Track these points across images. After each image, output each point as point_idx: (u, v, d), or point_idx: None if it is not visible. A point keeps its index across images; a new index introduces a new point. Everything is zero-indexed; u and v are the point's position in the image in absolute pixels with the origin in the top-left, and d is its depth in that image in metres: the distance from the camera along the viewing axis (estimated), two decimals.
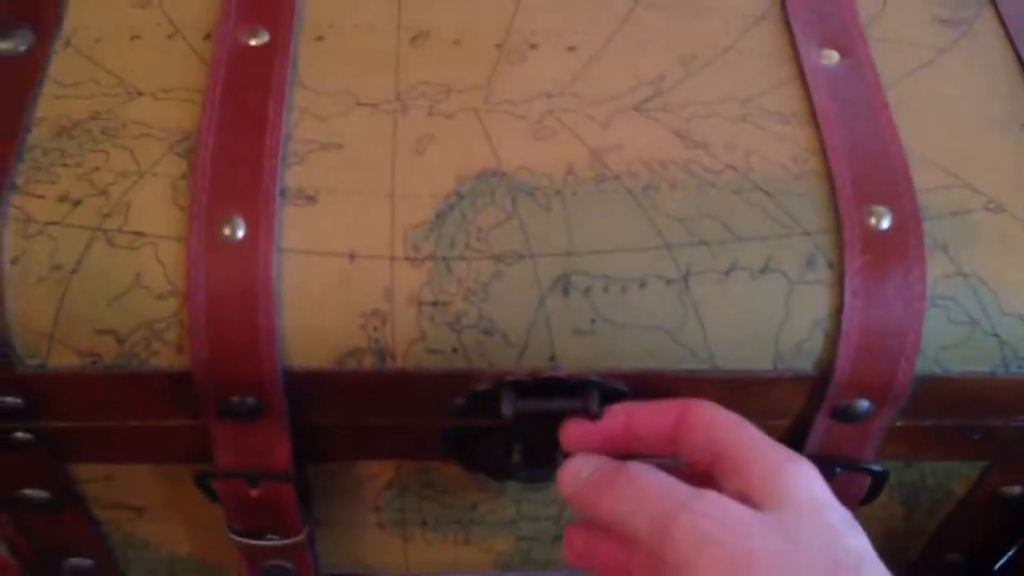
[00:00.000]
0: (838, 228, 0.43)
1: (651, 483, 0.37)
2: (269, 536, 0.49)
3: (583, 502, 0.40)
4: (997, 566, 0.63)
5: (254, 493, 0.46)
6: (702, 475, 0.39)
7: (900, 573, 0.64)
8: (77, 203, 0.42)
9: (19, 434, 0.47)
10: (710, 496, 0.36)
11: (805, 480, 0.36)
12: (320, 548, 0.60)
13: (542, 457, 0.45)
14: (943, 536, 0.60)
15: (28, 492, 0.52)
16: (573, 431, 0.42)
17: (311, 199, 0.42)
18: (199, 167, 0.42)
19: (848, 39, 0.49)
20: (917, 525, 0.60)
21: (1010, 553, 0.61)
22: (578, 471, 0.40)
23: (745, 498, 0.36)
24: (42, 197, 0.42)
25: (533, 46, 0.48)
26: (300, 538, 0.49)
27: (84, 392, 0.43)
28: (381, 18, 0.49)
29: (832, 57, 0.49)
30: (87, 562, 0.59)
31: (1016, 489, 0.55)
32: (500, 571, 0.65)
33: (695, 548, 0.33)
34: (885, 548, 0.59)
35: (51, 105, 0.45)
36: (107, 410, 0.44)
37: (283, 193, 0.42)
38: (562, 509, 0.59)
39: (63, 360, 0.42)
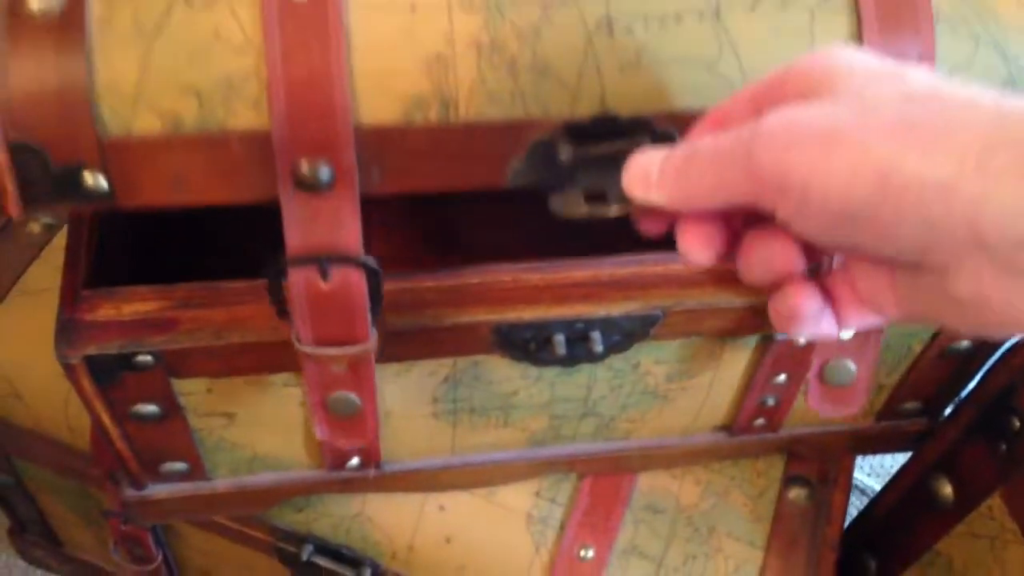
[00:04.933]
0: None
1: (720, 138, 0.36)
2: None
3: (668, 193, 0.38)
4: (947, 411, 0.73)
5: (324, 287, 0.47)
6: None
7: (867, 421, 0.73)
8: None
9: (141, 357, 0.53)
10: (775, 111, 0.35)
11: (843, 56, 0.36)
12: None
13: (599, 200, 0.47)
14: (903, 387, 0.69)
15: (140, 407, 0.56)
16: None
17: None
18: None
19: None
20: (881, 380, 0.69)
21: (958, 399, 0.71)
22: (646, 168, 0.39)
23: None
24: None
25: None
26: (368, 345, 0.50)
27: (164, 166, 0.44)
28: None
29: None
30: (181, 465, 0.63)
31: (963, 344, 0.65)
32: (533, 448, 0.69)
33: (783, 148, 0.33)
34: None
35: None
36: (184, 187, 0.45)
37: None
38: (589, 391, 0.63)
39: (146, 124, 0.43)
